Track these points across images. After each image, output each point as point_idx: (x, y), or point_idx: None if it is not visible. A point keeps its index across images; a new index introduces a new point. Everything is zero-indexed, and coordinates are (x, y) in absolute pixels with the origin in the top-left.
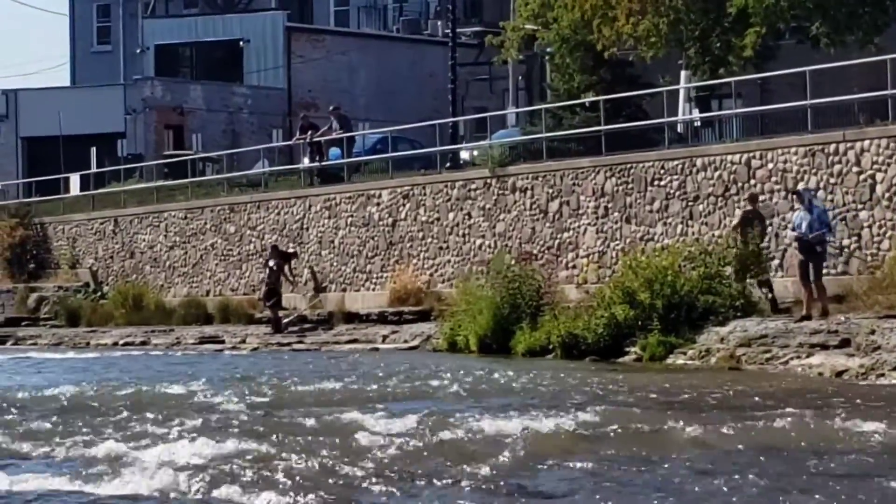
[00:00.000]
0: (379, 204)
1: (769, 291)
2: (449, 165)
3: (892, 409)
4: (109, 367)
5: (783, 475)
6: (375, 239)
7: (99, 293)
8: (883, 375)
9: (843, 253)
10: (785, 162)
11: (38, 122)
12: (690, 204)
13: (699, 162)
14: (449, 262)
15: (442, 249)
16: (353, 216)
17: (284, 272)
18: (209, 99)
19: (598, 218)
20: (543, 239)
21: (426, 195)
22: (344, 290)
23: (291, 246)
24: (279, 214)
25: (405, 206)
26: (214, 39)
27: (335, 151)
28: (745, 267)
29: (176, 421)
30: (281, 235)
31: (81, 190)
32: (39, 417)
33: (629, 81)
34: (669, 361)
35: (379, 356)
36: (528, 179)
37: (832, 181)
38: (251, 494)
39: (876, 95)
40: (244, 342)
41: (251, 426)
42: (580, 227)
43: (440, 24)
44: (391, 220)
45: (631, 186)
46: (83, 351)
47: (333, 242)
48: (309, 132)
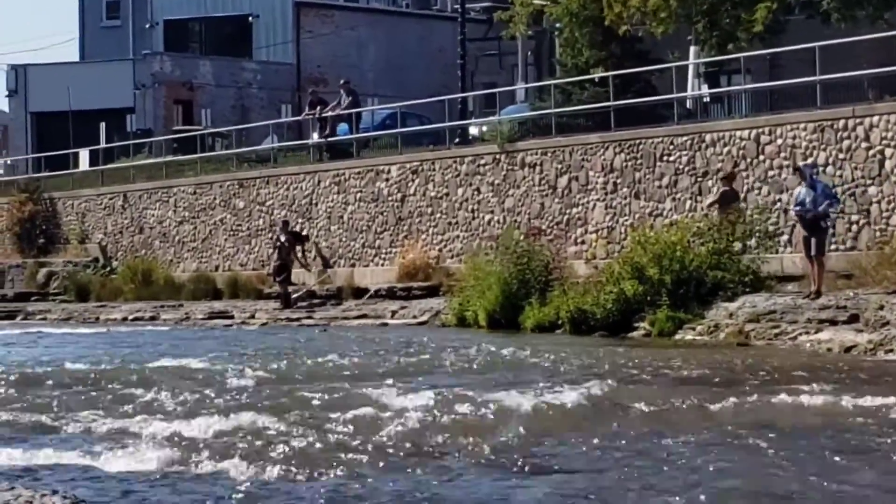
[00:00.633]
0: (388, 179)
1: None
2: (458, 141)
3: None
4: (118, 342)
5: (791, 451)
6: (384, 214)
7: (108, 268)
8: (892, 351)
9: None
10: (794, 137)
11: (47, 97)
12: (699, 179)
13: (708, 137)
14: (458, 237)
15: (451, 225)
16: (362, 191)
17: (297, 255)
18: (218, 74)
19: (606, 193)
20: (552, 214)
21: (435, 171)
22: (353, 265)
23: (300, 222)
24: (288, 190)
25: (414, 181)
26: (224, 15)
27: (343, 127)
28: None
29: (183, 396)
30: (290, 211)
31: (91, 165)
32: (47, 392)
33: (638, 57)
34: (678, 337)
35: (388, 331)
36: (536, 155)
37: (841, 157)
38: (258, 469)
39: (886, 71)
40: (253, 317)
41: (259, 401)
42: (589, 202)
43: None
44: (400, 195)
45: (640, 162)
46: (92, 326)
47: (342, 218)
48: (318, 107)
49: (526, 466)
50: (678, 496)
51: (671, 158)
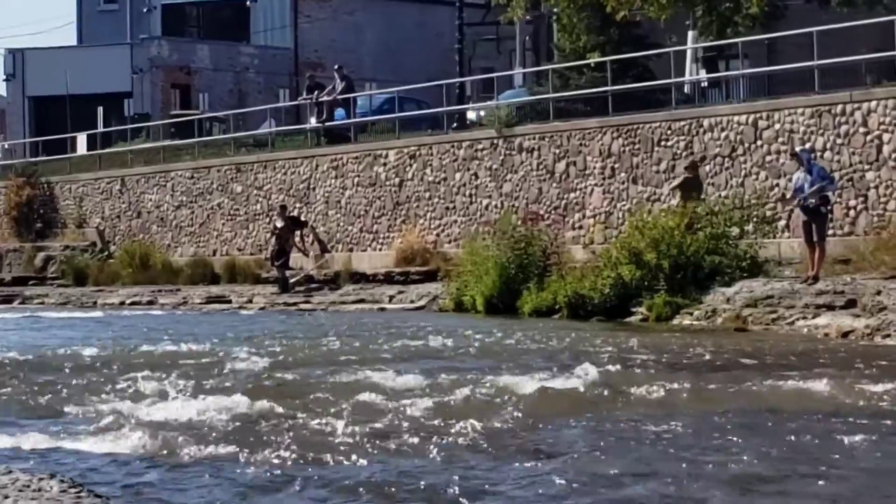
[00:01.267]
0: (385, 164)
1: None
2: (456, 126)
3: None
4: (116, 326)
5: (787, 435)
6: (382, 199)
7: (106, 253)
8: (889, 336)
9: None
10: (792, 122)
11: (44, 81)
12: (697, 164)
13: (706, 122)
14: (455, 222)
15: (448, 209)
16: (359, 176)
17: (295, 242)
18: (216, 58)
19: (604, 178)
20: (550, 199)
21: (433, 155)
22: (351, 249)
23: (298, 206)
24: (286, 174)
25: (412, 166)
26: None
27: (340, 112)
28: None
29: (180, 380)
30: (288, 195)
31: (88, 149)
32: (43, 375)
33: (636, 42)
34: (675, 322)
35: (386, 316)
36: (534, 140)
37: (839, 142)
38: (254, 454)
39: (883, 56)
40: (251, 302)
41: (256, 385)
42: (587, 187)
43: None
44: (398, 180)
45: (638, 147)
46: (90, 310)
47: (340, 202)
48: (315, 92)
49: (523, 450)
50: (675, 480)
51: (669, 143)
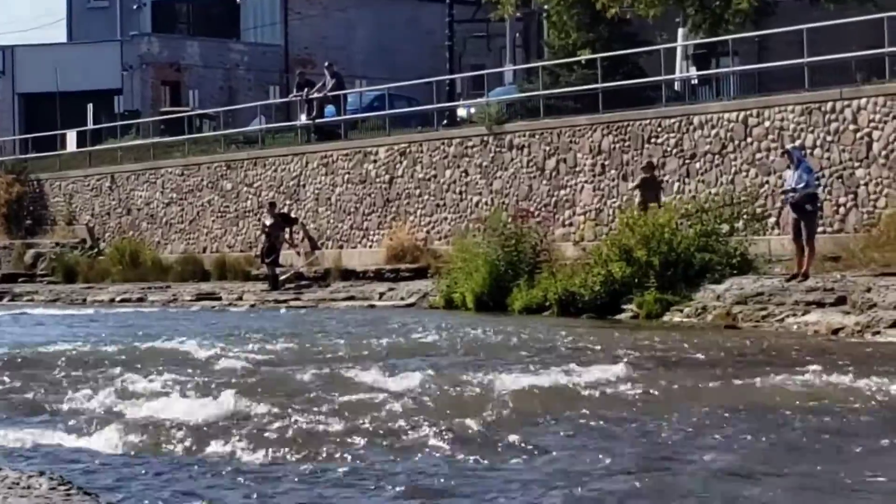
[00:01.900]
0: (376, 161)
1: None
2: (446, 123)
3: (887, 366)
4: (106, 323)
5: (775, 432)
6: (372, 196)
7: (95, 249)
8: (879, 333)
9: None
10: (782, 120)
11: (34, 78)
12: (687, 162)
13: (696, 120)
14: (446, 219)
15: (439, 207)
16: (349, 173)
17: (285, 238)
18: (206, 55)
19: (594, 175)
20: (540, 196)
21: (423, 152)
22: (341, 247)
23: (288, 203)
24: (276, 171)
25: (402, 163)
26: None
27: (330, 109)
28: None
29: (169, 377)
30: (278, 192)
31: (78, 146)
32: (35, 373)
33: (626, 39)
34: (666, 319)
35: (375, 313)
36: (524, 137)
37: (829, 139)
38: (243, 451)
39: (873, 53)
40: (241, 299)
41: (245, 382)
42: (577, 184)
43: None
44: (388, 177)
45: (628, 144)
46: (80, 307)
47: (330, 199)
48: (306, 89)
49: (508, 447)
50: (666, 476)
51: (659, 140)
